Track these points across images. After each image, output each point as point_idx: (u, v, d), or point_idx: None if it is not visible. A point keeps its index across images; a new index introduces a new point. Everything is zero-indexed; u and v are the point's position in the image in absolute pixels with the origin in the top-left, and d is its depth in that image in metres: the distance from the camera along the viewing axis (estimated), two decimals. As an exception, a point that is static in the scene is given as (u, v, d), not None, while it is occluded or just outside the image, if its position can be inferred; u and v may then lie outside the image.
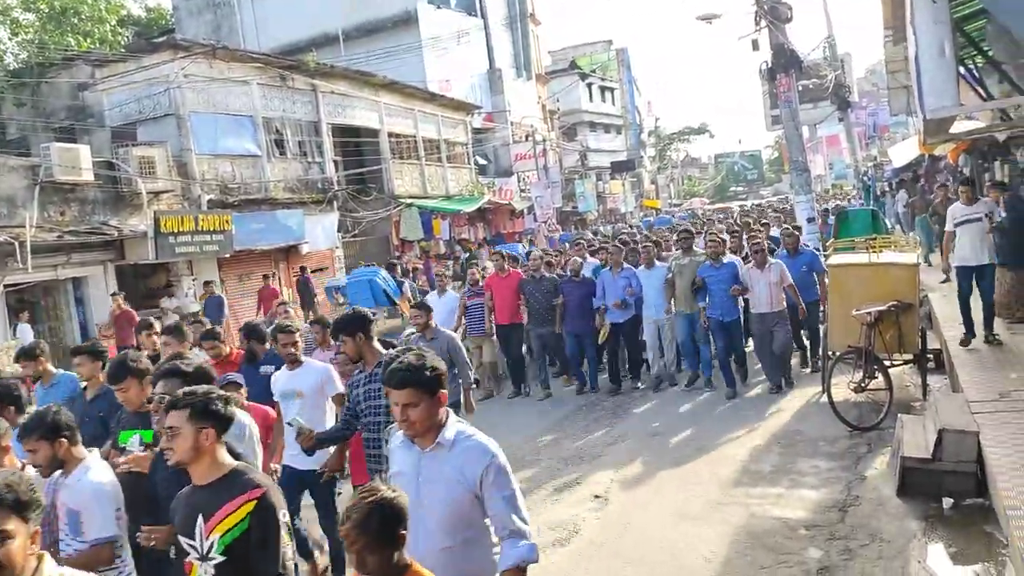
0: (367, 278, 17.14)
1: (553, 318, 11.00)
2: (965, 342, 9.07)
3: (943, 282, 9.86)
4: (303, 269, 20.68)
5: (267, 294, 18.57)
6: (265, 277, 19.66)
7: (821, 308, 10.48)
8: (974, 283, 9.20)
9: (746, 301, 10.35)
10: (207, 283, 17.89)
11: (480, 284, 11.59)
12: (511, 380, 11.60)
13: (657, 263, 10.79)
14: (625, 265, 10.80)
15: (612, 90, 56.01)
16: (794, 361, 10.63)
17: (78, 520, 3.69)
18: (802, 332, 10.98)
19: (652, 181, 65.84)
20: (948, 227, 9.34)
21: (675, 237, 14.36)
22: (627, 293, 10.46)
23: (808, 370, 10.64)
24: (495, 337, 11.55)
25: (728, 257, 10.45)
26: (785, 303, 9.77)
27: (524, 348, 11.95)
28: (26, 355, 6.56)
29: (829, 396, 8.26)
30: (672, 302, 10.48)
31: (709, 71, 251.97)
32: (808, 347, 10.99)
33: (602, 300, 10.60)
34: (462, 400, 7.05)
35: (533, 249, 25.38)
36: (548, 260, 12.42)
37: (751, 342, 10.91)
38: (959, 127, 9.29)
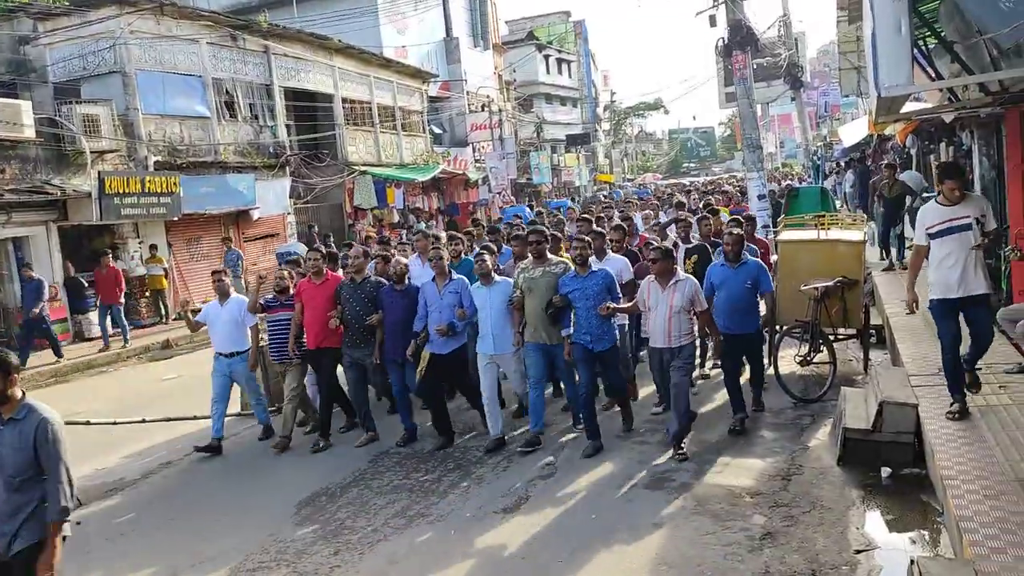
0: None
1: (372, 337, 8.11)
2: (960, 414, 6.23)
3: (908, 314, 6.92)
4: (227, 241, 19.55)
5: (107, 277, 15.70)
6: (102, 254, 16.14)
7: (768, 338, 8.58)
8: (960, 322, 6.40)
9: (637, 323, 8.58)
10: (25, 266, 15.02)
11: (290, 292, 8.59)
12: (344, 412, 8.77)
13: (497, 278, 7.87)
14: (454, 275, 7.98)
15: (569, 63, 55.84)
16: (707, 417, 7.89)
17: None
18: (741, 376, 7.93)
19: (606, 155, 66.02)
20: (919, 239, 6.47)
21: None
22: (457, 315, 7.70)
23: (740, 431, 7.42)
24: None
25: (608, 257, 8.41)
26: (695, 336, 7.32)
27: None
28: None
29: (776, 369, 8.45)
30: (524, 331, 7.58)
31: (665, 46, 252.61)
32: (748, 402, 7.83)
33: (423, 323, 7.86)
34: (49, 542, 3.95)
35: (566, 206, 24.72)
36: (385, 255, 9.02)
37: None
38: (909, 107, 9.43)
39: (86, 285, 16.39)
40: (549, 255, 7.79)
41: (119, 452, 8.74)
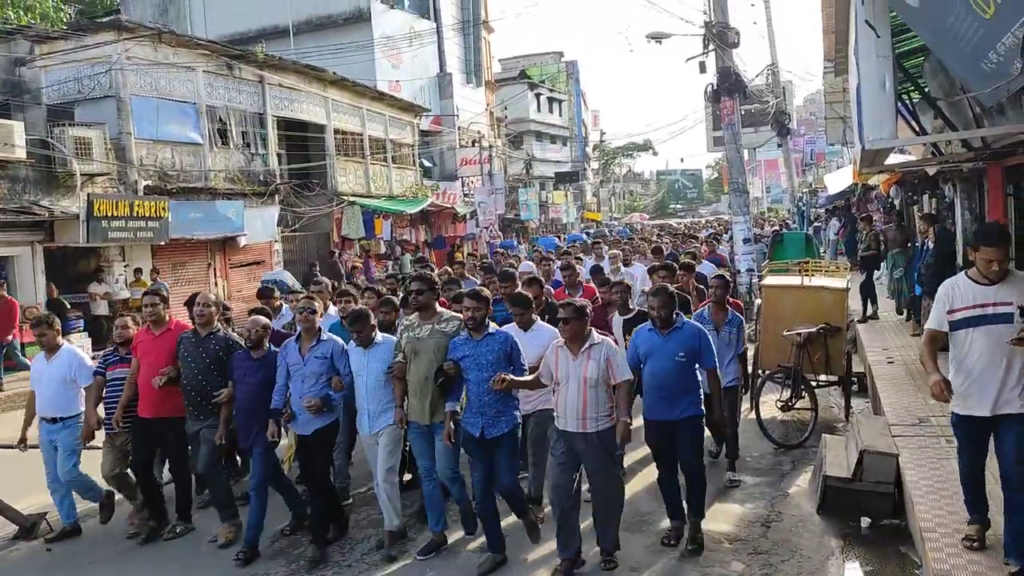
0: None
1: (216, 407, 6.39)
2: (979, 540, 4.77)
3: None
4: (155, 273, 17.51)
5: (3, 312, 13.76)
6: None
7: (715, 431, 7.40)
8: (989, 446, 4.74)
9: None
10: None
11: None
12: (149, 510, 6.85)
13: (380, 338, 6.21)
14: (324, 335, 6.31)
15: (560, 102, 56.48)
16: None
17: None
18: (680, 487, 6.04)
19: (594, 194, 66.55)
20: (934, 321, 4.78)
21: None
22: (332, 386, 6.12)
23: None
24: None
25: (536, 327, 6.41)
26: (611, 421, 5.48)
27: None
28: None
29: (757, 413, 8.48)
30: (407, 405, 6.07)
31: (655, 88, 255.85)
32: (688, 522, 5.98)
33: (282, 396, 6.19)
34: None
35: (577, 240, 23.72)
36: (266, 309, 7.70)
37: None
38: (893, 159, 9.62)
39: (68, 307, 16.28)
40: (439, 308, 6.22)
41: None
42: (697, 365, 5.97)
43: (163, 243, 18.03)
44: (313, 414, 6.03)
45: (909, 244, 12.83)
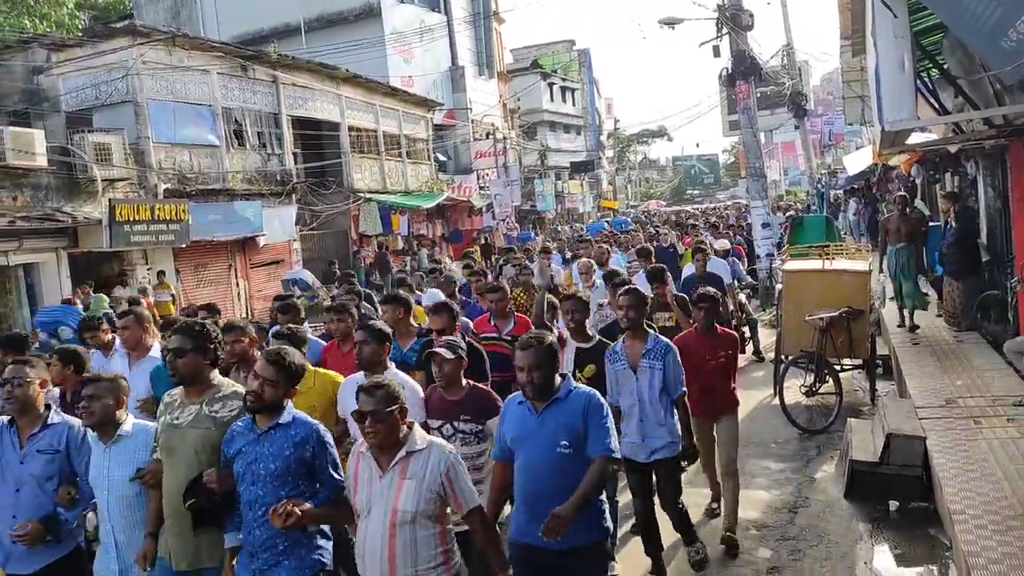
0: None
1: None
2: None
3: None
4: (83, 287, 15.82)
5: None
6: None
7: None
8: None
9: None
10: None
11: None
12: None
13: (130, 425, 4.01)
14: (55, 416, 4.13)
15: (573, 91, 56.28)
16: None
17: None
18: None
19: (610, 182, 66.37)
20: None
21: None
22: (59, 498, 4.01)
23: None
24: None
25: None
26: (454, 568, 3.44)
27: None
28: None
29: (781, 399, 8.46)
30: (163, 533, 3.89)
31: (669, 74, 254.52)
32: None
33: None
34: None
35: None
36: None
37: None
38: (914, 139, 9.52)
39: (94, 312, 16.48)
40: (219, 379, 3.92)
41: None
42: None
43: (184, 245, 18.18)
44: (28, 547, 3.85)
45: (914, 235, 10.80)
